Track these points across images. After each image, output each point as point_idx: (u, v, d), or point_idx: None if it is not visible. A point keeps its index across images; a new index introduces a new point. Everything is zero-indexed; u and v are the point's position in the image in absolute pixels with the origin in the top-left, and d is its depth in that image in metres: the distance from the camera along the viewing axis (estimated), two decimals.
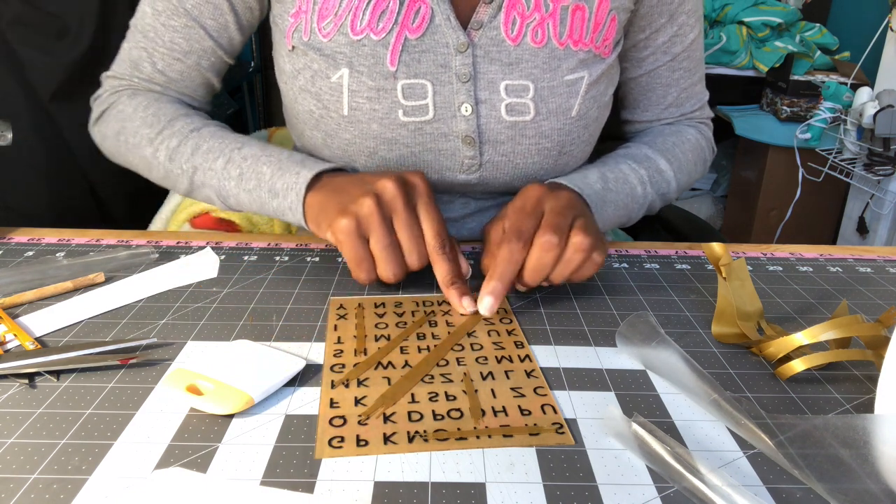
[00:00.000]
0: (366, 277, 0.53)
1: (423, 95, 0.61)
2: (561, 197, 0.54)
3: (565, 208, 0.53)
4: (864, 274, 0.63)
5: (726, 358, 0.48)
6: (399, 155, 0.64)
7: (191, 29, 0.66)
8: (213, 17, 0.66)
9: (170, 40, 0.67)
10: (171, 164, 0.64)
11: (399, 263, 0.53)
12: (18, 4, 1.07)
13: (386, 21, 0.60)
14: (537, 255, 0.51)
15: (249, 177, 0.60)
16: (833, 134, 2.01)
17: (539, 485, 0.35)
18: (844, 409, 0.43)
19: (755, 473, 0.37)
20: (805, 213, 2.15)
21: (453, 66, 0.61)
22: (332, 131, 0.64)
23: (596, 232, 0.53)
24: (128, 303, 0.54)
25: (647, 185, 0.68)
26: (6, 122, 0.69)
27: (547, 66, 0.62)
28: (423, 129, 0.63)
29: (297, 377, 0.44)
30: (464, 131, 0.63)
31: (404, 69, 0.61)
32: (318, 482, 0.35)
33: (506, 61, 0.62)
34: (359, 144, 0.64)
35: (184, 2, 0.65)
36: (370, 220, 0.52)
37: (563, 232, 0.51)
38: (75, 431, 0.39)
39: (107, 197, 1.24)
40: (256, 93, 2.32)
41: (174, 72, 0.68)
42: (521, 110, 0.63)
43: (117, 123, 0.68)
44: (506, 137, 0.64)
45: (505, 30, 0.62)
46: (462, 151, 0.64)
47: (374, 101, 0.61)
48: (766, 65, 2.10)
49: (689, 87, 0.76)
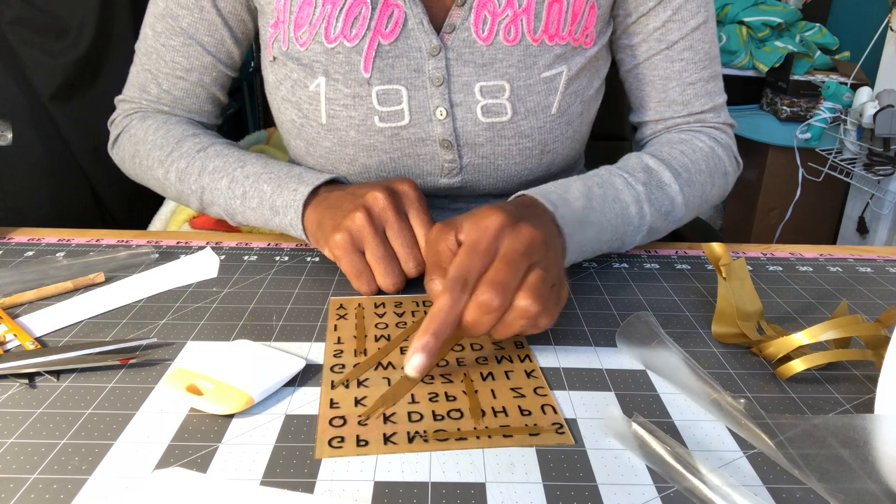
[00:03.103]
0: (367, 289, 0.55)
1: (397, 101, 0.61)
2: (521, 234, 0.45)
3: (521, 254, 0.44)
4: (864, 274, 0.63)
5: (726, 358, 0.48)
6: (379, 161, 0.64)
7: (189, 47, 0.68)
8: (209, 34, 0.68)
9: (171, 59, 0.68)
10: (181, 185, 0.66)
11: (396, 273, 0.54)
12: (18, 4, 1.07)
13: (359, 28, 0.60)
14: (473, 316, 0.43)
15: (252, 195, 0.61)
16: (833, 134, 2.01)
17: (539, 485, 0.35)
18: (844, 409, 0.43)
19: (755, 473, 0.37)
20: (805, 213, 2.15)
21: (426, 70, 0.61)
22: (312, 139, 0.65)
23: (548, 289, 0.45)
24: (128, 303, 0.54)
25: (644, 203, 0.59)
26: (6, 122, 0.69)
27: (522, 64, 0.62)
28: (399, 134, 0.63)
29: (297, 377, 0.44)
30: (440, 135, 0.63)
31: (378, 75, 0.61)
32: (318, 482, 0.35)
33: (479, 62, 0.61)
34: (339, 152, 0.64)
35: (180, 21, 0.67)
36: (363, 233, 0.53)
37: (508, 290, 0.43)
38: (75, 431, 0.39)
39: (107, 197, 1.24)
40: (256, 93, 2.32)
41: (179, 90, 0.70)
42: (497, 111, 0.62)
43: (131, 147, 0.71)
44: (484, 139, 0.63)
45: (475, 30, 0.61)
46: (441, 155, 0.64)
47: (350, 109, 0.62)
48: (766, 65, 2.10)
49: (696, 83, 0.69)
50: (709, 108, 0.70)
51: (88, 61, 1.16)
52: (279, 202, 0.59)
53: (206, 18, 0.67)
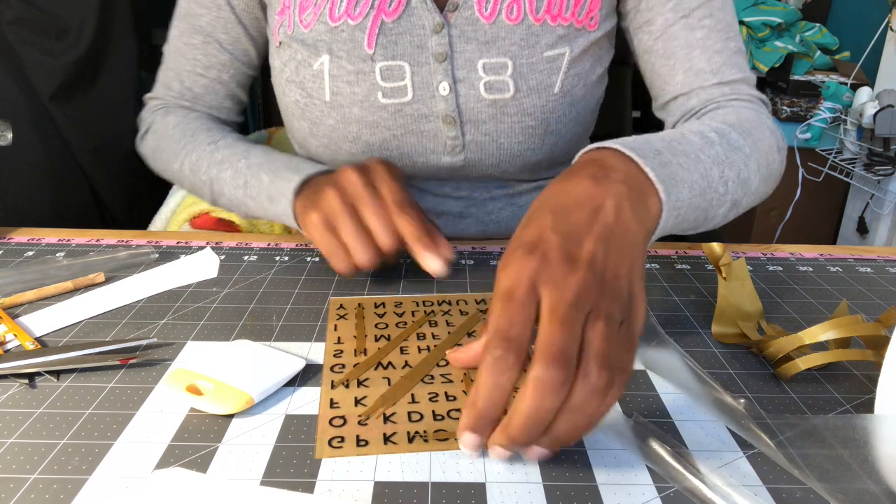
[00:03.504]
0: (343, 267, 0.53)
1: (401, 77, 0.62)
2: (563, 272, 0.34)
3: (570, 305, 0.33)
4: (864, 274, 0.63)
5: (726, 358, 0.48)
6: (382, 139, 0.64)
7: (208, 45, 0.71)
8: (226, 31, 0.70)
9: (192, 57, 0.71)
10: (193, 178, 0.68)
11: (370, 248, 0.52)
12: (18, 4, 1.07)
13: (362, 6, 0.62)
14: (529, 402, 0.32)
15: (252, 185, 0.62)
16: (833, 134, 2.01)
17: (539, 485, 0.35)
18: (844, 409, 0.43)
19: (755, 473, 0.37)
20: (805, 213, 2.15)
21: (430, 47, 0.62)
22: (316, 119, 0.65)
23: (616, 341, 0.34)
24: (128, 303, 0.54)
25: (725, 166, 0.50)
26: (6, 122, 0.69)
27: (525, 42, 0.62)
28: (402, 110, 0.63)
29: (297, 377, 0.44)
30: (443, 111, 0.63)
31: (381, 51, 0.62)
32: (318, 482, 0.35)
33: (482, 40, 0.62)
34: (342, 130, 0.65)
35: (199, 20, 0.70)
36: (334, 210, 0.52)
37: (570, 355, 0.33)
38: (75, 431, 0.39)
39: (107, 197, 1.24)
40: (257, 94, 2.32)
41: (199, 87, 0.73)
42: (500, 88, 0.62)
43: (154, 141, 0.73)
44: (487, 116, 0.63)
45: (478, 8, 0.62)
46: (444, 132, 0.64)
47: (353, 85, 0.62)
48: (766, 65, 2.10)
49: (722, 52, 0.62)
50: (740, 78, 0.63)
51: (88, 61, 1.16)
52: (274, 191, 0.59)
53: (222, 16, 0.69)
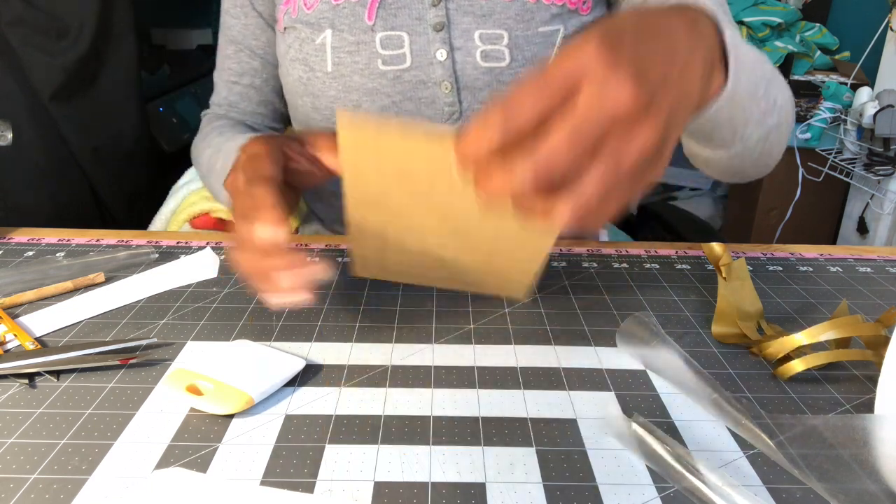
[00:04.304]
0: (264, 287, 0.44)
1: (399, 45, 0.64)
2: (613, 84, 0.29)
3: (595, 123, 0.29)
4: (864, 274, 0.63)
5: (726, 358, 0.48)
6: (381, 106, 0.66)
7: (240, 53, 0.74)
8: (255, 37, 0.73)
9: (228, 67, 0.75)
10: (206, 178, 0.70)
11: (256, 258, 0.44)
12: (18, 4, 1.07)
13: None
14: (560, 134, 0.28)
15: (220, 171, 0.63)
16: (833, 134, 2.01)
17: (539, 485, 0.35)
18: (844, 409, 0.43)
19: (755, 473, 0.37)
20: (805, 213, 2.15)
21: (428, 18, 0.64)
22: (318, 91, 0.67)
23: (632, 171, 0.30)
24: (128, 303, 0.54)
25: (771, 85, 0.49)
26: (6, 122, 0.69)
27: (520, 17, 0.64)
28: (401, 77, 0.65)
29: (297, 377, 0.44)
30: (441, 77, 0.64)
31: (381, 23, 0.64)
32: (318, 482, 0.35)
33: (479, 13, 0.64)
34: (343, 99, 0.66)
35: (232, 30, 0.73)
36: None
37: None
38: (75, 431, 0.39)
39: (107, 197, 1.24)
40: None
41: (234, 94, 0.75)
42: (496, 56, 0.64)
43: (194, 151, 0.76)
44: (483, 84, 0.65)
45: None
46: (441, 98, 0.65)
47: (354, 54, 0.64)
48: None
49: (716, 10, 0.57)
50: None
51: (88, 61, 1.16)
52: (222, 171, 0.60)
53: (250, 23, 0.72)
